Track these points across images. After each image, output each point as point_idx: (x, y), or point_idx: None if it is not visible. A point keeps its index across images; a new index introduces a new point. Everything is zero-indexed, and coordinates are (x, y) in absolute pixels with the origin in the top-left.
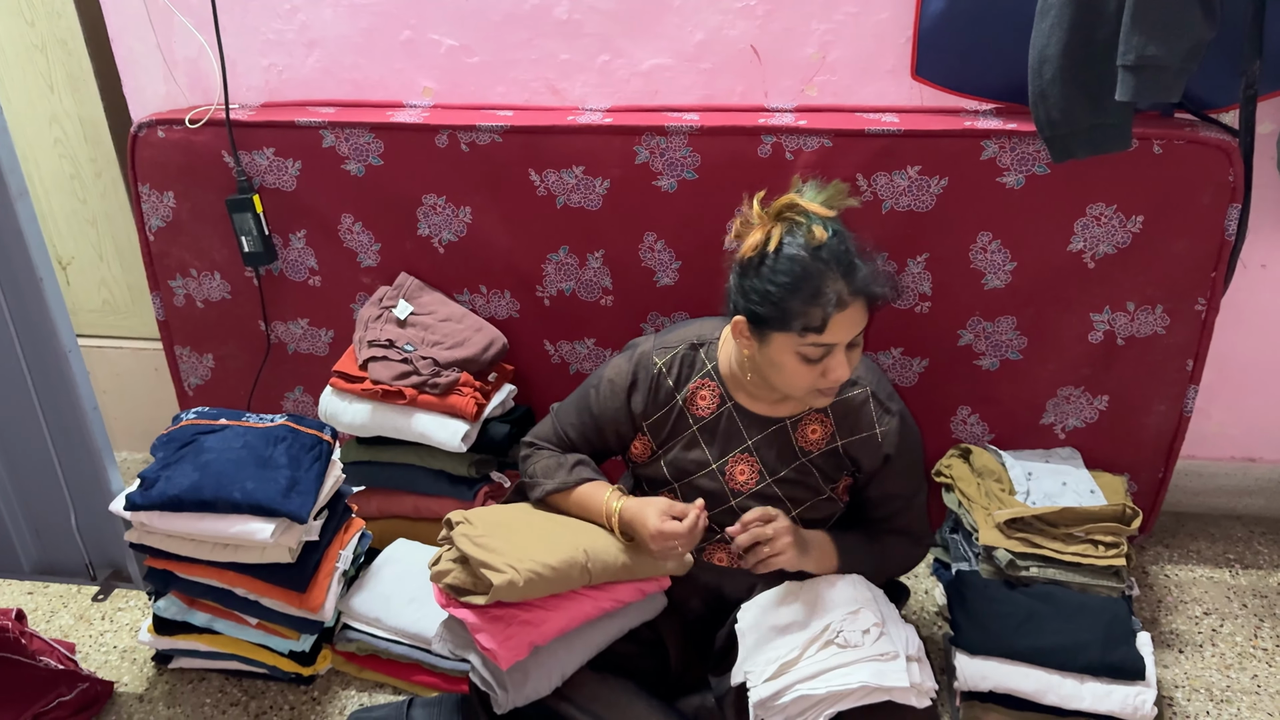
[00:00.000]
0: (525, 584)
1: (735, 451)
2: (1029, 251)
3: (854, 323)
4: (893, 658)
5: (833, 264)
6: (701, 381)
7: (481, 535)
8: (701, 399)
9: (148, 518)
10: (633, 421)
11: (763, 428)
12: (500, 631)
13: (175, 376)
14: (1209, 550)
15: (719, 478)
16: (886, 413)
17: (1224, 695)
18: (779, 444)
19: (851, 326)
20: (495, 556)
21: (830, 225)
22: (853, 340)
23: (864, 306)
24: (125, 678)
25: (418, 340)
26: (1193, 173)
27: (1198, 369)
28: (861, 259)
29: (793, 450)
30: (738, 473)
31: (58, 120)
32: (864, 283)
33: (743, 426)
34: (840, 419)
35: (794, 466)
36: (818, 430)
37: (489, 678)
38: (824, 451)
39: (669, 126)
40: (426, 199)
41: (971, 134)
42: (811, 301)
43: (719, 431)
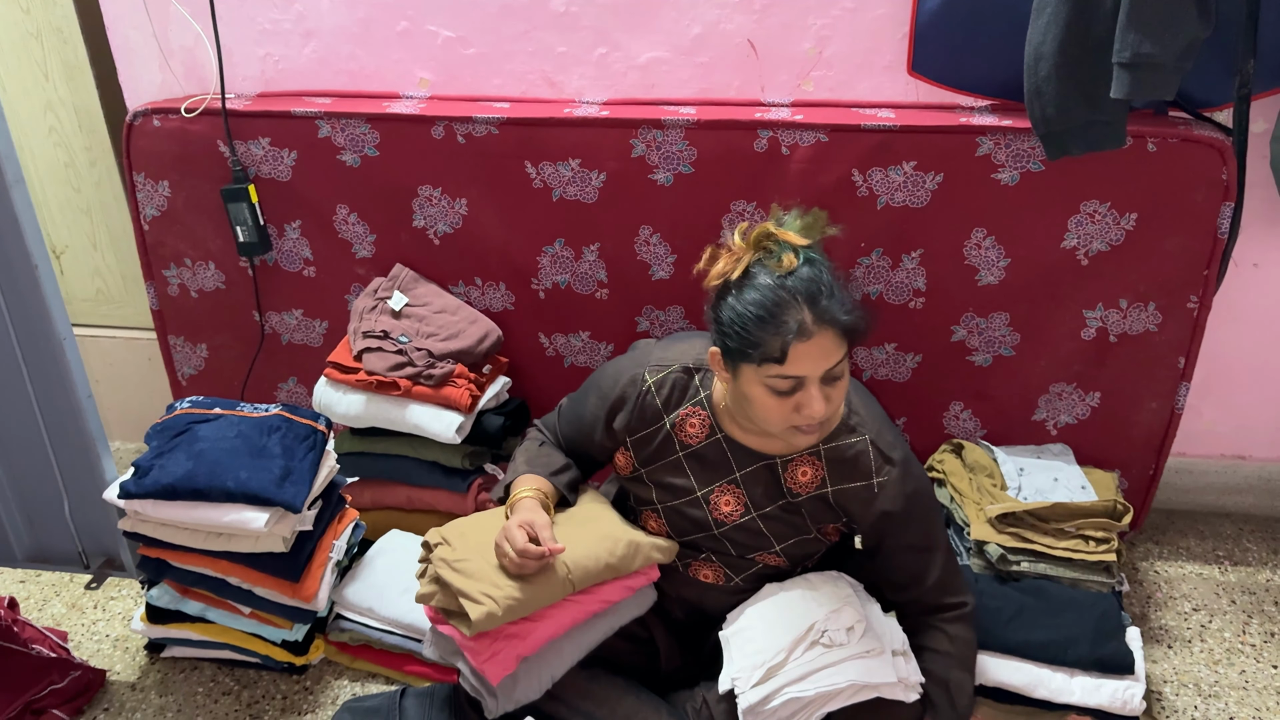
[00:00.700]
0: (505, 612)
1: (721, 482)
2: (1023, 248)
3: (822, 354)
4: (879, 653)
5: (798, 292)
6: (692, 409)
7: (460, 559)
8: (691, 426)
9: (141, 506)
10: (612, 436)
11: (751, 462)
12: (486, 649)
13: (169, 366)
14: (1198, 547)
15: (703, 506)
16: (887, 463)
17: (1212, 690)
18: (766, 481)
19: (819, 358)
20: (473, 584)
21: (805, 254)
22: (830, 374)
23: (834, 338)
24: (117, 666)
25: (412, 332)
26: (1186, 171)
27: (1189, 367)
28: (831, 288)
29: (780, 489)
30: (723, 503)
31: (52, 108)
32: (828, 312)
33: (731, 458)
34: (833, 465)
35: (780, 505)
36: (808, 473)
37: (478, 685)
38: (813, 495)
39: (665, 120)
40: (422, 190)
41: (967, 130)
42: (772, 330)
43: (706, 461)
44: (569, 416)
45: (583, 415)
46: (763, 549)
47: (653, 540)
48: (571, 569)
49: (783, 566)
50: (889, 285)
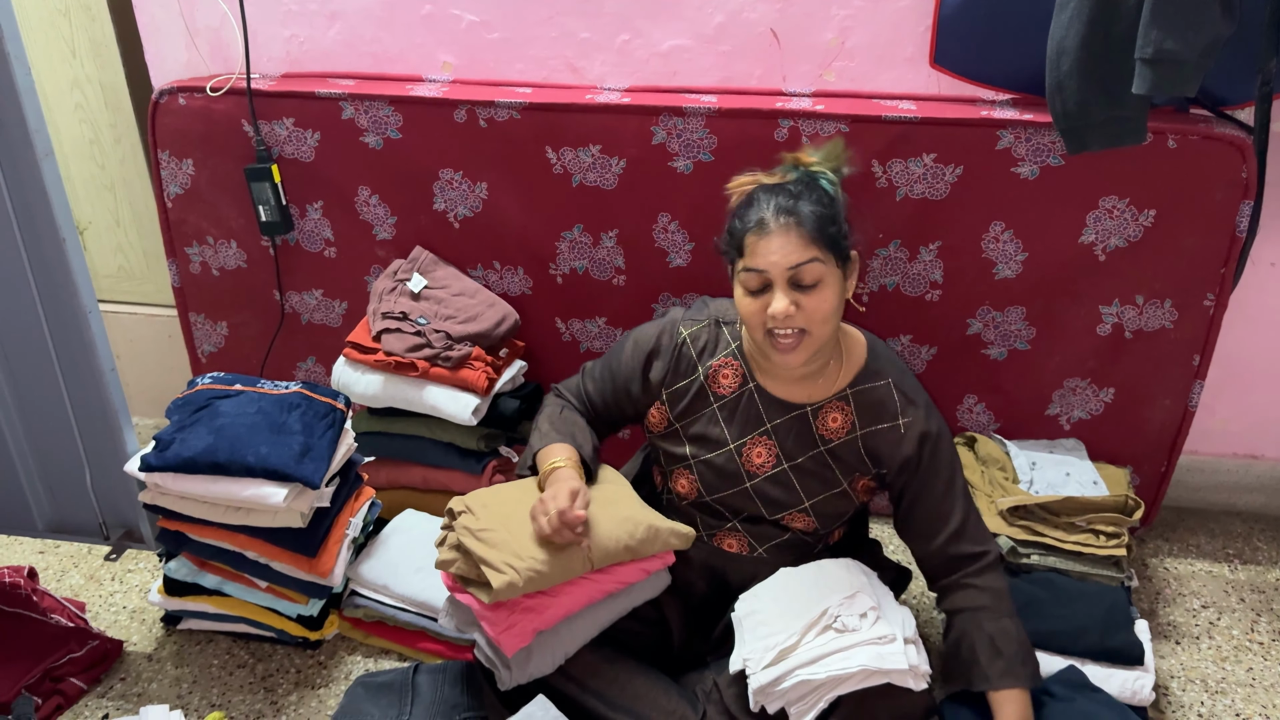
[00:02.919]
0: (525, 583)
1: (754, 434)
2: (1040, 242)
3: (782, 250)
4: (890, 640)
5: (774, 193)
6: (725, 360)
7: (483, 529)
8: (724, 377)
9: (161, 479)
10: (647, 389)
11: (783, 412)
12: (504, 620)
13: (189, 343)
14: (1209, 545)
15: (736, 459)
16: (911, 404)
17: (1219, 687)
18: (799, 430)
19: (779, 253)
20: (495, 554)
21: (807, 173)
22: (795, 276)
23: (798, 235)
24: (134, 637)
25: (431, 314)
26: (1206, 168)
27: (1204, 365)
28: (810, 194)
29: (812, 438)
30: (755, 455)
31: (79, 85)
32: (791, 209)
33: (763, 409)
34: (860, 409)
35: (812, 455)
36: (838, 419)
37: (493, 657)
38: (844, 441)
39: (687, 108)
40: (443, 173)
41: (987, 123)
42: (740, 224)
43: (739, 411)
44: (601, 374)
45: (618, 369)
46: (792, 505)
47: (671, 526)
48: (592, 548)
49: (809, 531)
50: (906, 277)
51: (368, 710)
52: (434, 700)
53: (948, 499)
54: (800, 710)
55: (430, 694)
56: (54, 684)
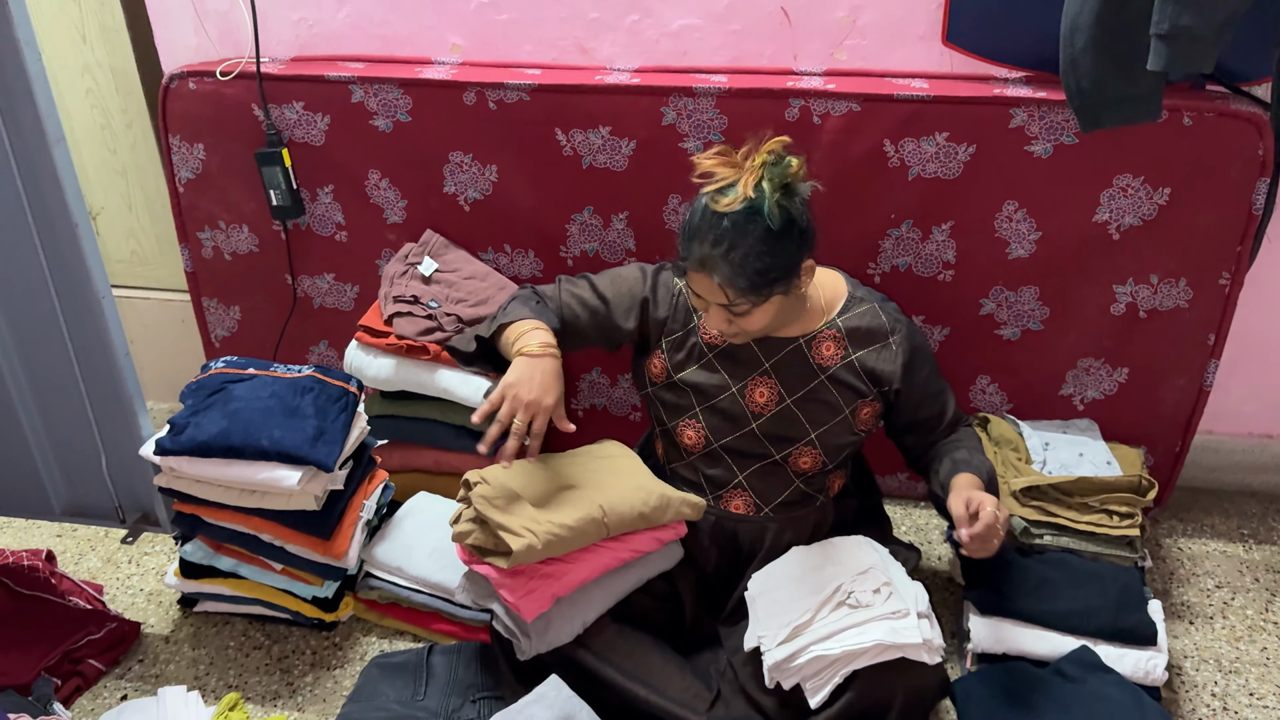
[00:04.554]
0: (544, 546)
1: (754, 375)
2: (1054, 221)
3: (710, 291)
4: (904, 615)
5: (712, 231)
6: None
7: (499, 497)
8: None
9: (176, 463)
10: (646, 321)
11: (778, 349)
12: (522, 586)
13: (202, 328)
14: (1223, 525)
15: (739, 400)
16: (897, 323)
17: (1233, 666)
18: (795, 363)
19: (710, 292)
20: (513, 519)
21: (756, 204)
22: (731, 310)
23: (725, 287)
24: (151, 619)
25: (442, 297)
26: (1222, 145)
27: (1219, 344)
28: (743, 247)
29: (810, 368)
30: (757, 395)
31: (89, 71)
32: (717, 266)
33: (758, 351)
34: (851, 335)
35: (812, 385)
36: (831, 347)
37: (512, 626)
38: (841, 366)
39: (697, 88)
40: (453, 156)
41: (1000, 102)
42: (685, 250)
43: (736, 358)
44: (589, 288)
45: (607, 290)
46: (798, 439)
47: (683, 495)
48: (607, 513)
49: (816, 470)
50: (919, 257)
51: (383, 691)
52: (449, 681)
53: (942, 395)
54: (815, 685)
55: (445, 674)
56: (73, 665)
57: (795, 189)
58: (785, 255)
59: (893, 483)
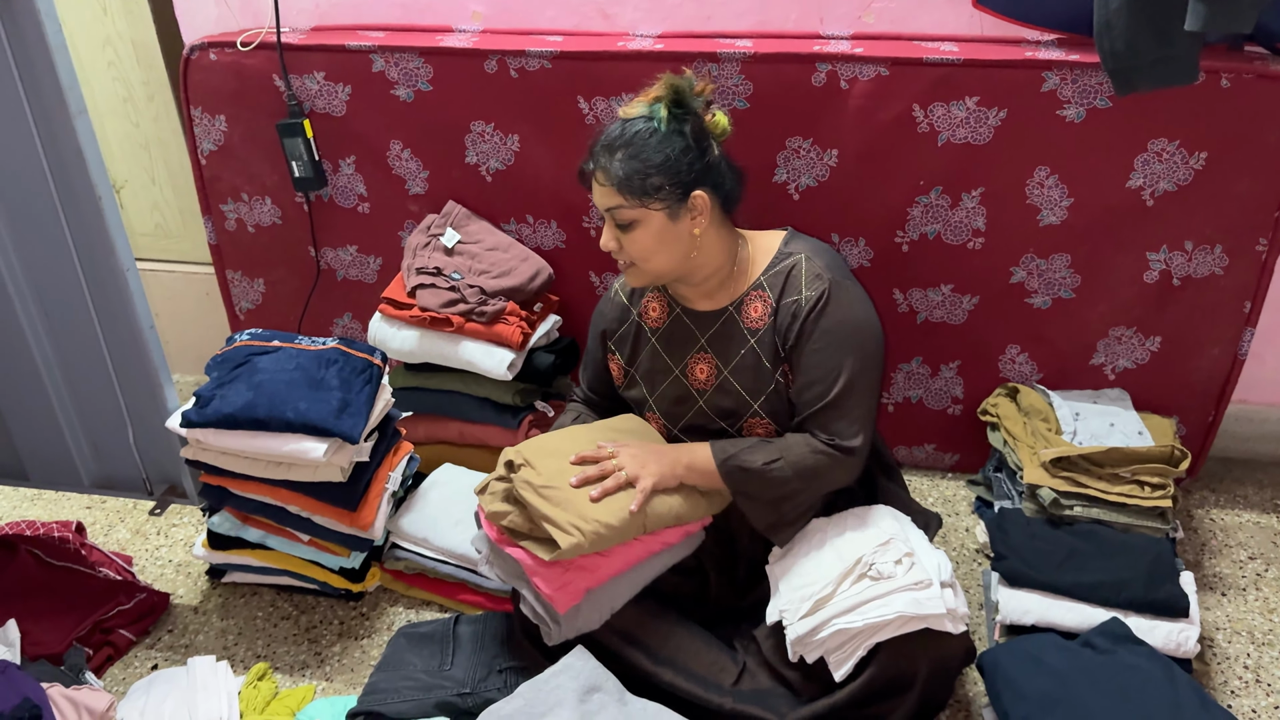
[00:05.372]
0: (590, 544)
1: (693, 352)
2: (1087, 187)
3: (599, 195)
4: (926, 585)
5: (603, 135)
6: (652, 294)
7: (546, 485)
8: (653, 310)
9: (203, 435)
10: (605, 342)
11: (712, 322)
12: (558, 578)
13: (227, 300)
14: (1256, 496)
15: (682, 380)
16: (817, 279)
17: (1266, 639)
18: (729, 334)
19: (599, 195)
20: (560, 513)
21: (658, 110)
22: (616, 218)
23: (607, 186)
24: (180, 590)
25: (465, 269)
26: (1261, 108)
27: (1255, 312)
28: (632, 144)
29: (740, 333)
30: (697, 371)
31: (111, 43)
32: (601, 159)
33: (693, 326)
34: (774, 289)
35: (743, 353)
36: (759, 307)
37: (541, 613)
38: (767, 327)
39: (721, 53)
40: (475, 126)
41: (1032, 65)
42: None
43: (675, 338)
44: (589, 373)
45: (594, 357)
46: (743, 412)
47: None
48: (648, 515)
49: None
50: (948, 225)
51: (410, 660)
52: (475, 650)
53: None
54: (839, 659)
55: (471, 644)
56: (104, 635)
57: (688, 104)
58: (669, 163)
59: (920, 454)
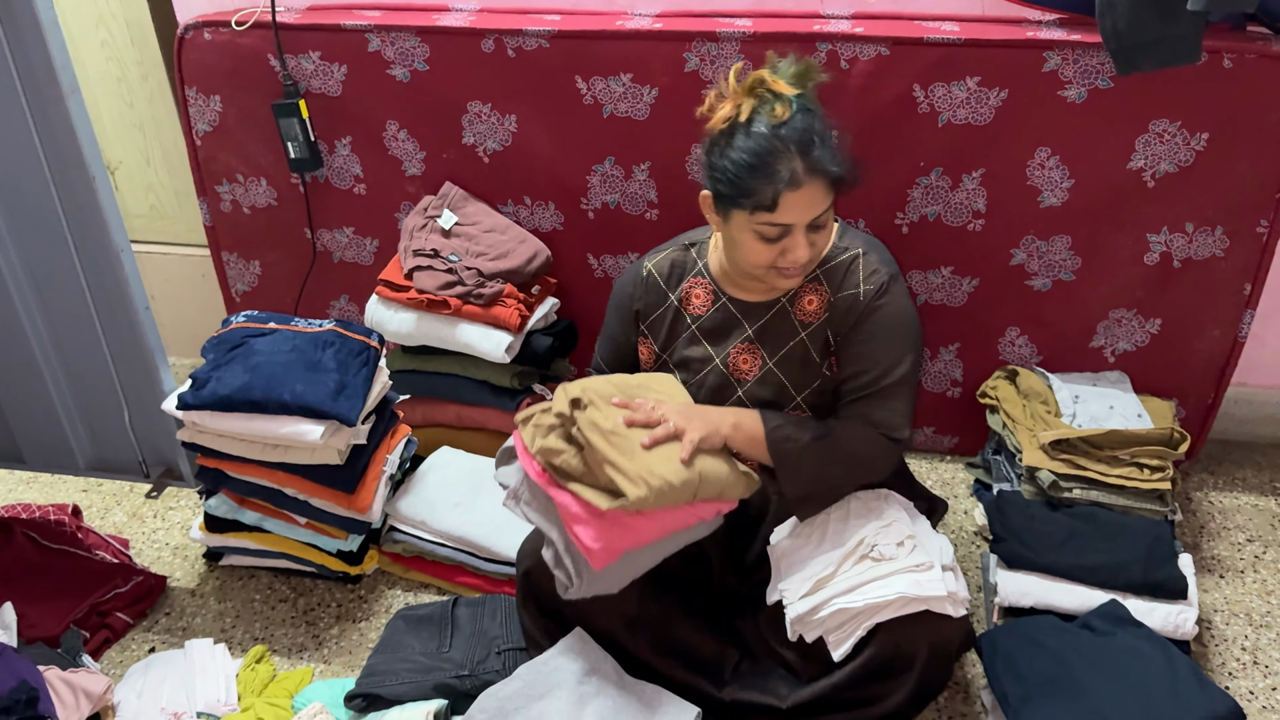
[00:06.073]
0: (654, 500)
1: (737, 342)
2: (1088, 168)
3: (810, 203)
4: (928, 568)
5: (790, 142)
6: (694, 280)
7: (614, 432)
8: (696, 298)
9: (199, 417)
10: (637, 324)
11: (761, 314)
12: (605, 532)
13: (222, 282)
14: (1255, 478)
15: (723, 370)
16: (875, 273)
17: (1263, 620)
18: (778, 326)
19: (808, 207)
20: (630, 463)
21: (798, 102)
22: (815, 222)
23: (823, 187)
24: (177, 573)
25: (462, 250)
26: (1263, 89)
27: (1255, 293)
28: (823, 138)
29: (792, 326)
30: (740, 362)
31: (104, 22)
32: (819, 162)
33: (740, 316)
34: (831, 281)
35: (791, 344)
36: (814, 300)
37: (567, 563)
38: (821, 321)
39: (720, 33)
40: (471, 106)
41: (1034, 44)
42: (764, 179)
43: (718, 328)
44: (603, 346)
45: (614, 333)
46: (784, 404)
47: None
48: (702, 479)
49: None
50: (948, 206)
51: (408, 643)
52: (473, 633)
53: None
54: (838, 638)
55: (469, 627)
56: (101, 618)
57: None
58: (829, 128)
59: (919, 436)
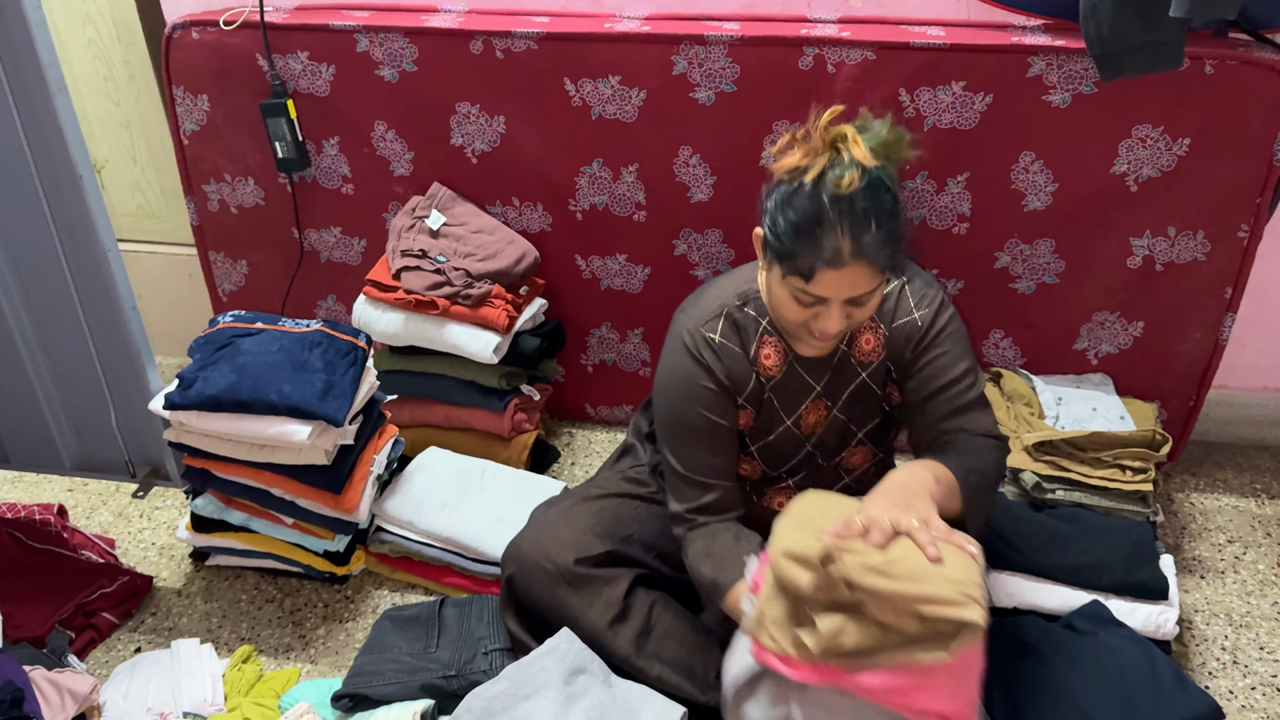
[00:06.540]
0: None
1: (807, 402)
2: (1071, 173)
3: (850, 283)
4: None
5: (845, 217)
6: (762, 340)
7: (887, 565)
8: (766, 357)
9: (186, 417)
10: (733, 401)
11: (825, 368)
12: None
13: (209, 282)
14: (1235, 480)
15: (794, 431)
16: (924, 298)
17: (1243, 620)
18: (839, 371)
19: (846, 287)
20: (936, 588)
21: (871, 175)
22: (855, 299)
23: (867, 271)
24: (163, 573)
25: (450, 251)
26: (1244, 94)
27: (1236, 297)
28: (882, 221)
29: (853, 368)
30: (809, 417)
31: (91, 20)
32: (867, 247)
33: (806, 375)
34: (883, 317)
35: (854, 386)
36: (870, 339)
37: None
38: (880, 359)
39: (708, 36)
40: (460, 107)
41: (1018, 50)
42: (807, 247)
43: (789, 387)
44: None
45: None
46: (848, 443)
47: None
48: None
49: (868, 465)
50: (933, 210)
51: (395, 643)
52: (460, 633)
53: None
54: None
55: (456, 627)
56: (86, 619)
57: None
58: (903, 221)
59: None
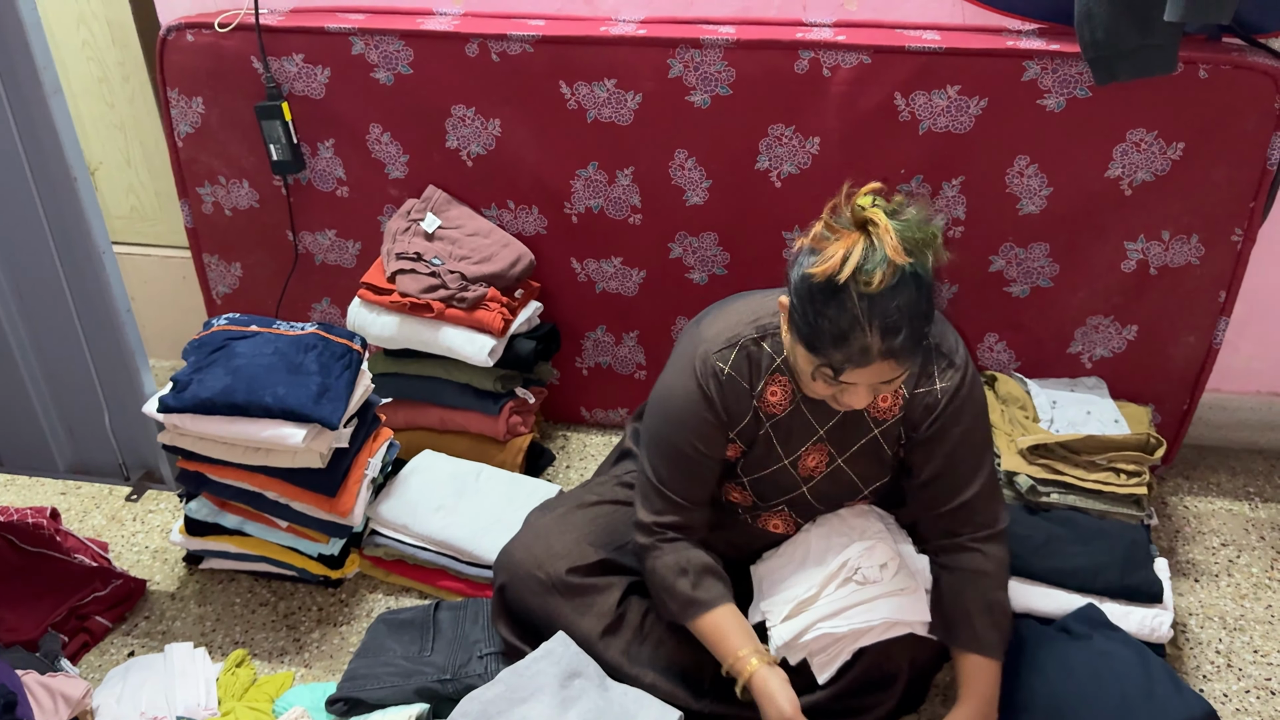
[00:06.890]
0: None
1: (808, 444)
2: (1066, 177)
3: (877, 376)
4: (913, 591)
5: (875, 319)
6: (772, 378)
7: None
8: (772, 395)
9: (180, 420)
10: (726, 435)
11: (833, 413)
12: None
13: (204, 285)
14: (1229, 483)
15: (791, 471)
16: (950, 366)
17: (1237, 624)
18: (850, 423)
19: (873, 378)
20: None
21: (903, 270)
22: (886, 383)
23: (895, 365)
24: (157, 577)
25: (445, 254)
26: (1237, 99)
27: (1230, 301)
28: (912, 320)
29: (865, 423)
30: (808, 460)
31: (85, 22)
32: (897, 349)
33: (812, 417)
34: (905, 379)
35: (864, 441)
36: (888, 396)
37: None
38: (896, 418)
39: (704, 39)
40: (455, 110)
41: (1013, 54)
42: (836, 347)
43: (792, 428)
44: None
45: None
46: (851, 497)
47: None
48: None
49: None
50: None
51: (390, 646)
52: (455, 637)
53: (972, 467)
54: (823, 662)
55: (451, 630)
56: (79, 622)
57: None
58: (932, 310)
59: None
